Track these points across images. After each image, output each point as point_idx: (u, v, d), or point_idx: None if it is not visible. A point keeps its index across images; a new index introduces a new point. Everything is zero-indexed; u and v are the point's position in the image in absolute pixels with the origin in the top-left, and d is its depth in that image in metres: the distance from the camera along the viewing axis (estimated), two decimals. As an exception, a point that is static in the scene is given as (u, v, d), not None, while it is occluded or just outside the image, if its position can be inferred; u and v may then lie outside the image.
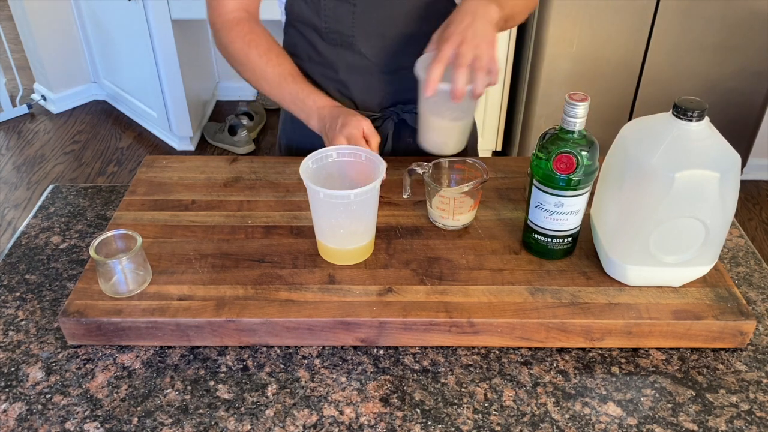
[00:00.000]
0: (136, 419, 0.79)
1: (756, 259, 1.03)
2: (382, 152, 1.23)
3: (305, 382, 0.84)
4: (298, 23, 1.14)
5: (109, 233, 0.90)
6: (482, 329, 0.86)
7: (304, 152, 0.96)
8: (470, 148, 1.33)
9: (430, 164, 1.00)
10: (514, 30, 2.44)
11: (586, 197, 0.90)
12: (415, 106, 1.21)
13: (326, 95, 1.09)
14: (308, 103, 1.06)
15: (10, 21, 3.40)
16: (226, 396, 0.82)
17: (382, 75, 1.16)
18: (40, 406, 0.81)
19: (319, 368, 0.86)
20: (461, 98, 0.91)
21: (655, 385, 0.84)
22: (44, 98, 3.35)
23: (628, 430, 0.78)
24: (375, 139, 1.02)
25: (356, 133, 0.99)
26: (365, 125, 1.01)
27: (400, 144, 1.24)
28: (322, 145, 1.00)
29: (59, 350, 0.88)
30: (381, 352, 0.88)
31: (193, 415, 0.80)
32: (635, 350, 0.88)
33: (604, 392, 0.83)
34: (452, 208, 0.98)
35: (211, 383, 0.84)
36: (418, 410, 0.80)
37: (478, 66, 0.90)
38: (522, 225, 0.99)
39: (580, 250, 0.97)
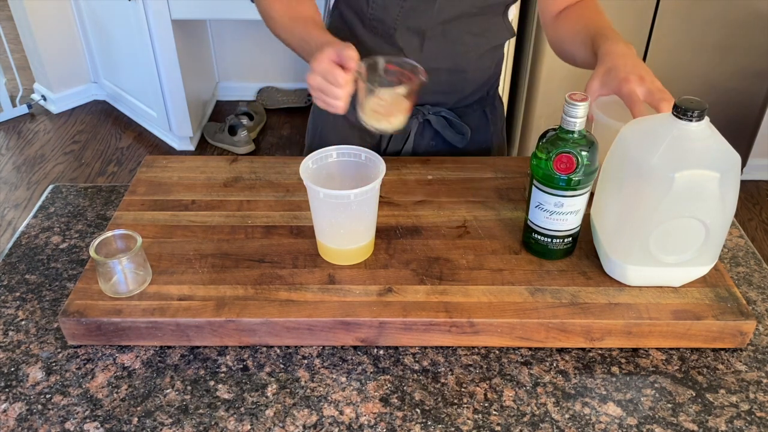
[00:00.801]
0: (136, 419, 0.79)
1: (756, 259, 1.03)
2: (402, 150, 1.23)
3: (305, 382, 0.84)
4: (343, 6, 1.14)
5: (109, 233, 0.90)
6: (482, 329, 0.86)
7: None
8: (498, 147, 1.33)
9: (364, 64, 0.92)
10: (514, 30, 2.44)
11: (586, 197, 0.90)
12: (441, 109, 1.21)
13: (330, 35, 1.00)
14: (311, 43, 0.99)
15: (10, 21, 3.39)
16: (226, 396, 0.82)
17: None
18: (40, 406, 0.81)
19: (319, 368, 0.86)
20: None
21: (655, 385, 0.84)
22: (44, 98, 3.35)
23: (628, 430, 0.78)
24: (348, 54, 0.90)
25: (321, 68, 0.90)
26: (334, 54, 0.91)
27: (422, 144, 1.24)
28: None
29: (59, 350, 0.88)
30: (381, 352, 0.88)
31: (193, 415, 0.80)
32: (635, 350, 0.88)
33: (604, 392, 0.83)
34: (388, 110, 0.94)
35: (211, 383, 0.84)
36: (418, 410, 0.80)
37: (668, 97, 0.93)
38: (522, 225, 0.99)
39: (580, 250, 0.97)
